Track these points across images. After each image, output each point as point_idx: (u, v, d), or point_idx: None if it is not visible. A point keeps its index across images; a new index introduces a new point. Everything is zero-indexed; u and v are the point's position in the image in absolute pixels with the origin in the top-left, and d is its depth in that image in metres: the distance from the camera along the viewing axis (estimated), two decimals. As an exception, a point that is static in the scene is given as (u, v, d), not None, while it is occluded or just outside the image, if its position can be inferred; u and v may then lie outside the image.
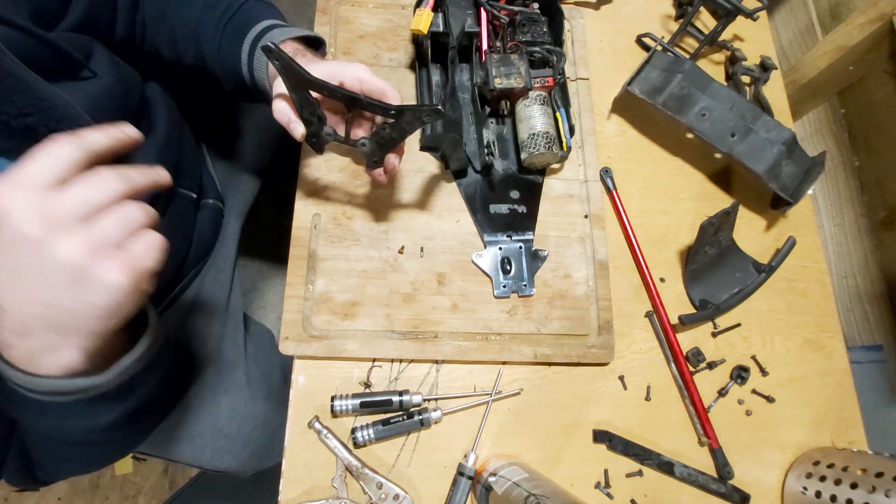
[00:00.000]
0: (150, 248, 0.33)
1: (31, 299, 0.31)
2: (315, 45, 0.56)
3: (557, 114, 0.61)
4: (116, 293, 0.31)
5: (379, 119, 0.52)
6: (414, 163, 0.62)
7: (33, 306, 0.31)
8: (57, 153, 0.31)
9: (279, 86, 0.49)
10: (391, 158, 0.52)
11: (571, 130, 0.62)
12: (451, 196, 0.61)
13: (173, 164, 0.61)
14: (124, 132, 0.35)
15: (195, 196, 0.69)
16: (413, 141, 0.62)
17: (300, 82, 0.46)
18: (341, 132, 0.51)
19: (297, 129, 0.49)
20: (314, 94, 0.48)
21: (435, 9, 0.61)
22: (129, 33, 0.57)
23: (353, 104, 0.48)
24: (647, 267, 0.62)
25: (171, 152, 0.61)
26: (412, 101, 0.65)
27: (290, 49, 0.52)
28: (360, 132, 0.54)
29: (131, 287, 0.32)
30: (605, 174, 0.65)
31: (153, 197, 0.56)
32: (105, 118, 0.44)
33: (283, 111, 0.49)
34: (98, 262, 0.30)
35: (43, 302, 0.31)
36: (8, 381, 0.35)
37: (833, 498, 0.51)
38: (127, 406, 0.42)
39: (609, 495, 0.55)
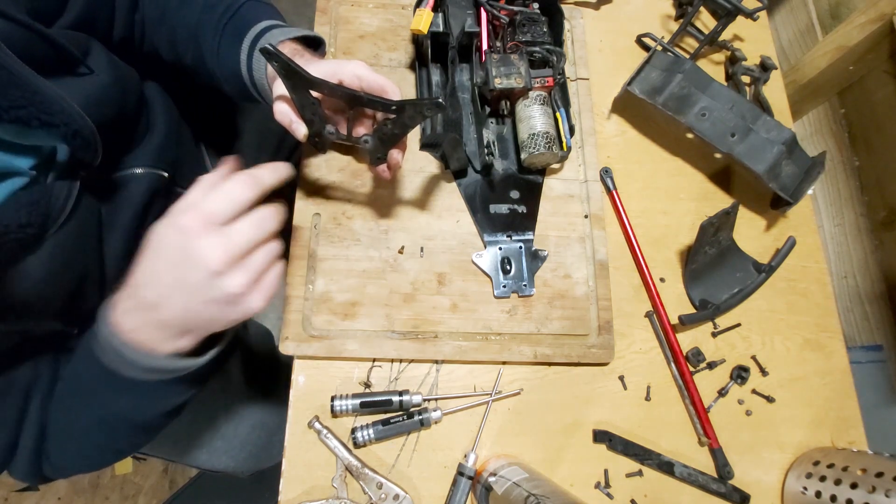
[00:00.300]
0: (279, 277, 0.40)
1: (187, 308, 0.38)
2: (314, 44, 0.56)
3: (557, 114, 0.61)
4: (252, 313, 0.38)
5: (380, 115, 0.52)
6: (414, 163, 0.62)
7: (185, 314, 0.38)
8: (238, 195, 0.37)
9: (279, 87, 0.49)
10: (394, 154, 0.52)
11: (571, 130, 0.62)
12: (451, 196, 0.61)
13: (172, 164, 0.61)
14: (286, 171, 0.41)
15: None
16: (413, 141, 0.62)
17: (300, 83, 0.46)
18: (343, 130, 0.51)
19: (300, 130, 0.50)
20: (315, 94, 0.47)
21: (435, 9, 0.61)
22: (128, 33, 0.57)
23: (354, 102, 0.48)
24: (647, 267, 0.62)
25: (169, 152, 0.61)
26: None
27: (289, 49, 0.52)
28: (361, 129, 0.54)
29: (263, 309, 0.38)
30: (605, 174, 0.65)
31: (151, 196, 0.56)
32: (101, 115, 0.44)
33: (285, 112, 0.50)
34: (251, 293, 0.38)
35: (194, 312, 0.38)
36: (109, 357, 0.40)
37: (833, 498, 0.51)
38: (194, 391, 0.47)
39: (609, 495, 0.55)
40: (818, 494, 0.52)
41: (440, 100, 0.46)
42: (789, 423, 0.60)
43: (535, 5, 0.64)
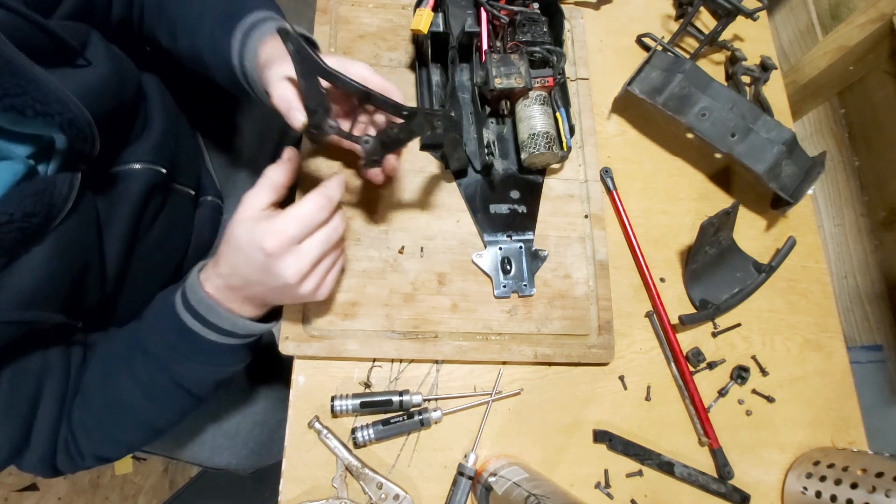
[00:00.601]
0: (338, 272, 0.51)
1: (267, 296, 0.47)
2: (310, 44, 0.56)
3: (557, 114, 0.61)
4: (316, 300, 0.49)
5: (380, 118, 0.52)
6: (414, 163, 0.62)
7: (265, 298, 0.48)
8: (313, 218, 0.44)
9: (279, 71, 0.48)
10: (391, 160, 0.53)
11: (571, 130, 0.62)
12: (451, 196, 0.61)
13: (170, 160, 0.61)
14: (344, 180, 0.48)
15: (193, 193, 0.69)
16: (413, 141, 0.62)
17: (313, 69, 0.44)
18: (345, 128, 0.51)
19: (298, 118, 0.47)
20: (323, 84, 0.46)
21: (435, 9, 0.61)
22: (126, 15, 0.57)
23: (365, 99, 0.47)
24: (647, 267, 0.62)
25: (167, 148, 0.61)
26: (412, 102, 0.65)
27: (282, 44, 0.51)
28: (357, 132, 0.54)
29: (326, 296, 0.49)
30: (605, 174, 0.65)
31: (149, 192, 0.56)
32: (98, 107, 0.45)
33: (285, 98, 0.48)
34: (317, 290, 0.47)
35: (272, 298, 0.48)
36: (192, 321, 0.47)
37: (833, 498, 0.51)
38: (246, 361, 0.53)
39: (609, 495, 0.55)
40: (818, 494, 0.52)
41: (452, 114, 0.45)
42: (789, 423, 0.60)
43: (535, 5, 0.64)
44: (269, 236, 0.42)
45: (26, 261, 0.42)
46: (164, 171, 0.59)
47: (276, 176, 0.46)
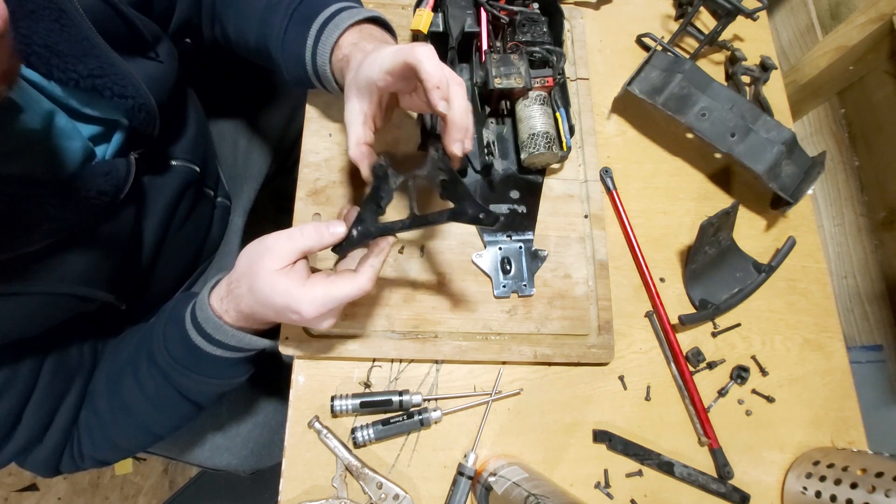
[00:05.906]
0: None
1: (273, 319, 0.46)
2: (385, 24, 0.54)
3: (557, 114, 0.61)
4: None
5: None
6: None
7: (272, 320, 0.46)
8: (350, 297, 0.43)
9: (356, 97, 0.46)
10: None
11: (571, 130, 0.62)
12: (451, 196, 0.61)
13: (202, 160, 0.62)
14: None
15: (213, 194, 0.70)
16: (414, 139, 0.62)
17: (384, 186, 0.45)
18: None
19: (366, 176, 0.48)
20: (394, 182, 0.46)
21: (435, 9, 0.61)
22: (192, 16, 0.59)
23: (417, 222, 0.45)
24: (647, 267, 0.62)
25: (199, 148, 0.62)
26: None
27: (359, 31, 0.50)
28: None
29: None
30: (605, 174, 0.65)
31: (184, 189, 0.58)
32: (158, 98, 0.48)
33: (361, 152, 0.47)
34: (331, 322, 0.45)
35: (278, 321, 0.47)
36: (198, 338, 0.46)
37: (833, 498, 0.51)
38: (249, 373, 0.53)
39: (609, 495, 0.55)
40: (818, 494, 0.52)
41: (501, 218, 0.43)
42: (789, 423, 0.60)
43: (535, 5, 0.64)
44: (306, 306, 0.41)
45: (89, 237, 0.44)
46: (198, 169, 0.61)
47: (312, 242, 0.42)
